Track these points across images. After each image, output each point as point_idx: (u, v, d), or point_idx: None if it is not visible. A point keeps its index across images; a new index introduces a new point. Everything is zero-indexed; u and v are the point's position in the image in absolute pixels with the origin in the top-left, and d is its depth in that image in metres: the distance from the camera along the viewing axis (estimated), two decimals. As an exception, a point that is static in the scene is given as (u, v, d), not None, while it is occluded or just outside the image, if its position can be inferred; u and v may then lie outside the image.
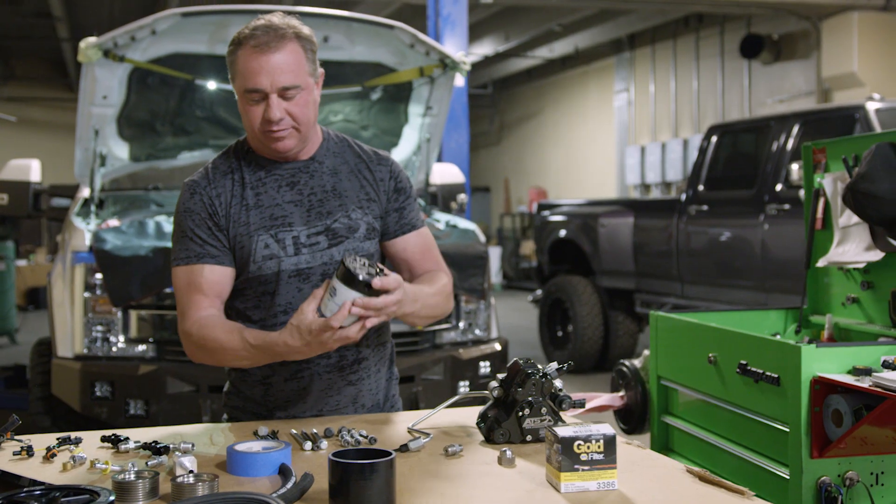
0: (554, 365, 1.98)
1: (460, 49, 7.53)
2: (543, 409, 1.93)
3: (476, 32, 15.91)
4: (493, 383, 2.00)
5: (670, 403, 3.15)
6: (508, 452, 1.78)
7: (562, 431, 1.61)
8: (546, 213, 9.94)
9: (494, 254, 19.38)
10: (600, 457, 1.60)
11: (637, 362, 3.31)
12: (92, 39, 4.57)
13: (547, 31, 15.62)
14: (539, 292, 9.65)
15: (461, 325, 4.93)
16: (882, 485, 2.38)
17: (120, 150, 5.28)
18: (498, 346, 4.98)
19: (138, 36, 4.58)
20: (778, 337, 3.23)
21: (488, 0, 11.87)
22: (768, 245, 6.63)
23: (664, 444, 3.17)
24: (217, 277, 2.14)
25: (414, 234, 2.29)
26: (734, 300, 7.04)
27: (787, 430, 2.40)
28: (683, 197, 7.75)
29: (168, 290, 4.34)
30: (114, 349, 4.44)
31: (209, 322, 2.09)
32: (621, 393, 3.33)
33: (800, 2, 11.57)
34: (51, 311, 4.65)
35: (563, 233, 9.46)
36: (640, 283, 8.41)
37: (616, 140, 17.26)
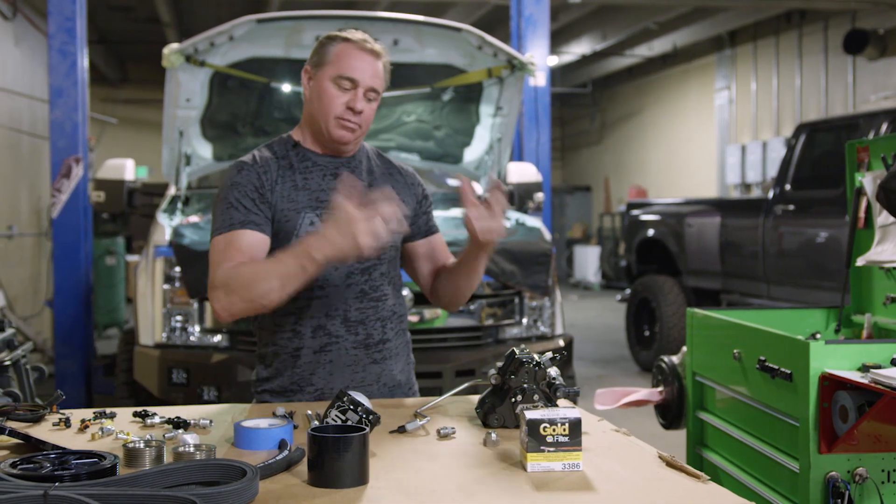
0: (548, 355, 2.08)
1: (543, 50, 7.59)
2: (536, 396, 2.02)
3: (573, 31, 15.89)
4: (492, 371, 2.10)
5: (705, 399, 3.19)
6: (493, 435, 1.88)
7: (530, 414, 1.71)
8: (635, 212, 9.92)
9: (594, 253, 19.31)
10: (565, 439, 1.69)
11: (675, 358, 3.35)
12: (174, 45, 4.84)
13: (644, 30, 15.48)
14: (627, 292, 9.64)
15: (525, 321, 5.02)
16: (894, 482, 2.38)
17: (204, 150, 5.56)
18: (561, 343, 5.05)
19: (217, 42, 4.82)
20: (818, 336, 3.23)
21: (577, 0, 11.86)
22: (853, 245, 6.49)
23: (699, 440, 3.20)
24: (256, 241, 2.26)
25: (437, 234, 2.59)
26: (820, 301, 6.91)
27: (798, 424, 2.43)
28: (770, 196, 7.64)
29: None
30: (190, 338, 4.70)
31: (240, 264, 2.20)
32: (660, 388, 3.37)
33: (904, -5, 11.23)
34: (135, 301, 4.95)
35: (650, 232, 9.44)
36: (727, 284, 8.33)
37: (717, 139, 16.98)
